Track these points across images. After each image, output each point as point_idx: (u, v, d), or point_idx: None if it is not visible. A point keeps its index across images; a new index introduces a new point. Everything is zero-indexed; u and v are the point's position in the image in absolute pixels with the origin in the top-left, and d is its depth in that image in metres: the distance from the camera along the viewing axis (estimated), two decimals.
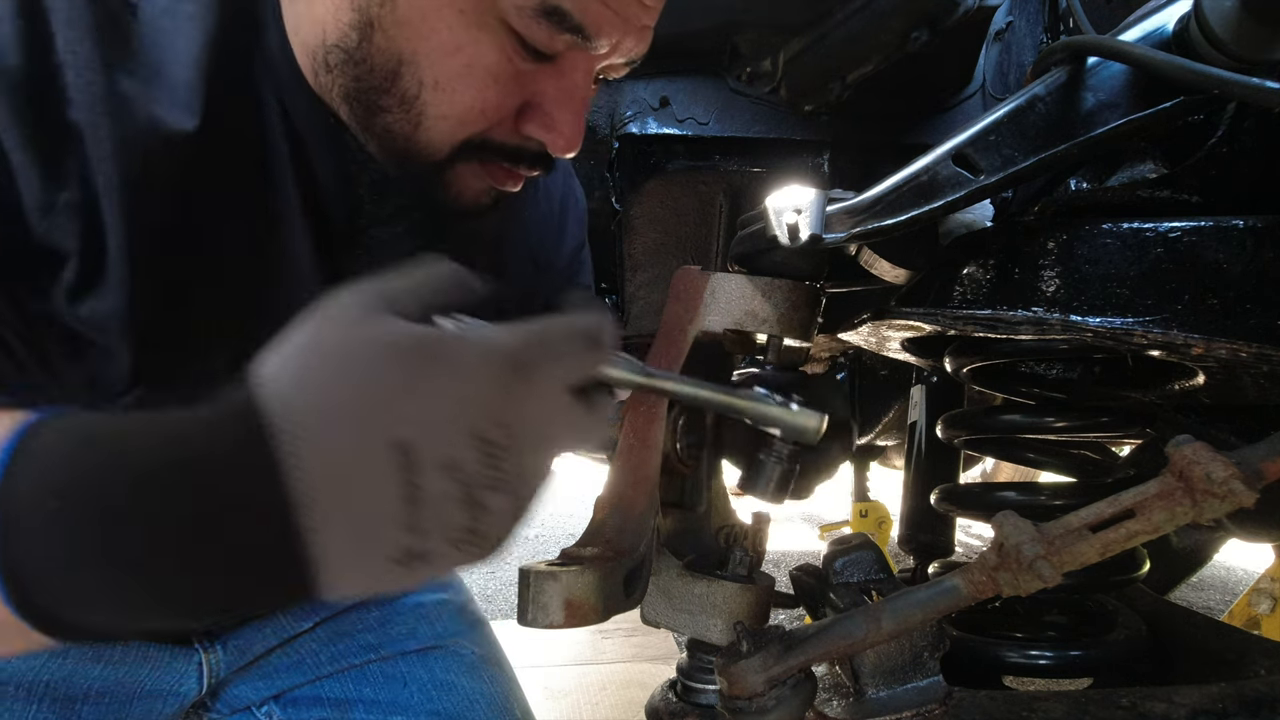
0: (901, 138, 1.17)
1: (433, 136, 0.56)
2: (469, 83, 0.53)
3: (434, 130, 0.55)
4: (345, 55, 0.54)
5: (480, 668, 0.89)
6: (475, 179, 0.60)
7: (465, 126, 0.56)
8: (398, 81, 0.53)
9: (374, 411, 0.33)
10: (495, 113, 0.56)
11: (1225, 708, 0.56)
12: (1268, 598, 1.62)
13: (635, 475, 0.57)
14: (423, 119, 0.55)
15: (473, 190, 0.61)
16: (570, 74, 0.57)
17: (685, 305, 0.61)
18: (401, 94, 0.54)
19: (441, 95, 0.54)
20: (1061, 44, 0.56)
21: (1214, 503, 0.33)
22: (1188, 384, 0.69)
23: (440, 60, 0.53)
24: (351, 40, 0.53)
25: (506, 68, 0.54)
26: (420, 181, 0.59)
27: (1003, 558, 0.35)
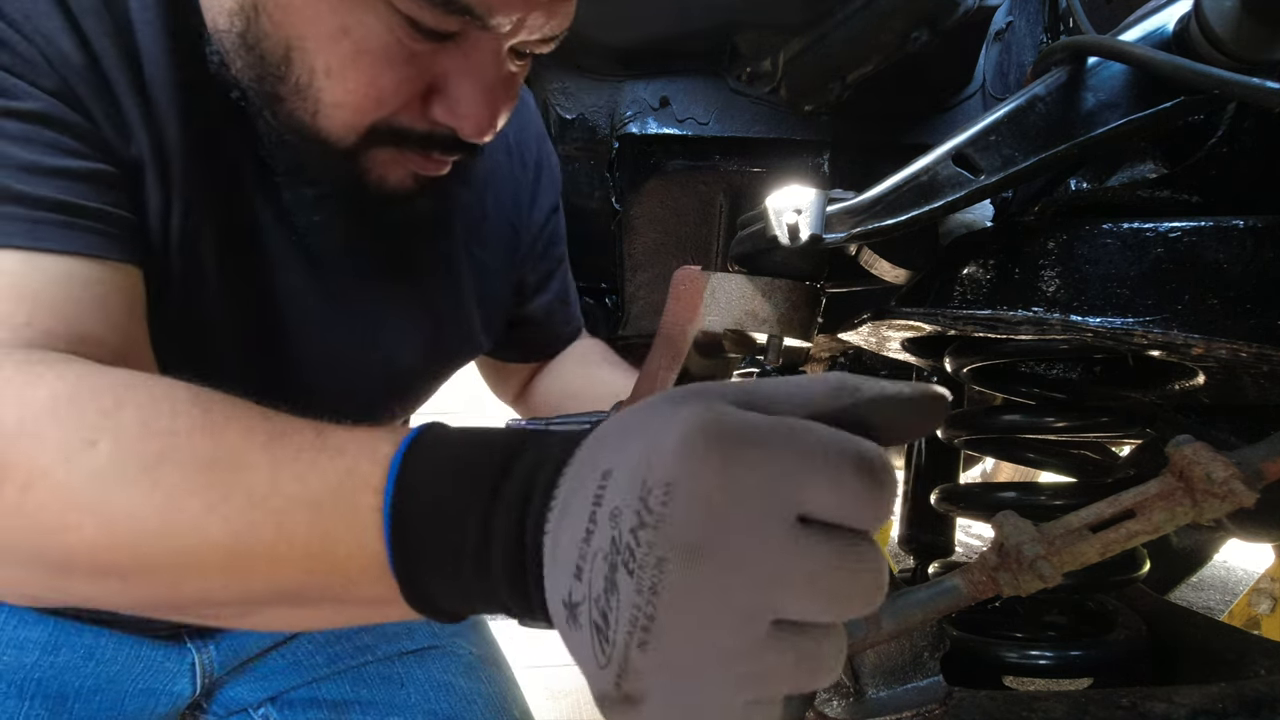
0: (901, 138, 1.17)
1: (333, 125, 0.54)
2: (359, 68, 0.51)
3: (333, 118, 0.53)
4: (238, 41, 0.52)
5: (478, 668, 0.89)
6: (394, 165, 0.58)
7: (363, 113, 0.53)
8: (290, 68, 0.51)
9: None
10: (394, 98, 0.53)
11: (1225, 708, 0.56)
12: (1268, 598, 1.62)
13: None
14: (319, 106, 0.53)
15: (395, 176, 0.59)
16: (474, 54, 0.53)
17: (685, 305, 0.61)
18: (295, 81, 0.52)
19: (334, 82, 0.51)
20: (1061, 44, 0.56)
21: (1214, 503, 0.33)
22: (1188, 384, 0.69)
23: (328, 45, 0.50)
24: (239, 25, 0.52)
25: (398, 50, 0.51)
26: (337, 170, 0.57)
27: (1003, 558, 0.35)
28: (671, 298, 0.62)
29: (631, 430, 0.31)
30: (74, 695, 0.72)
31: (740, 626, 0.27)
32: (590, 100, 1.19)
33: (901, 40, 0.98)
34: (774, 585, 0.27)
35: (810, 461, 0.28)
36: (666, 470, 0.28)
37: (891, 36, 0.98)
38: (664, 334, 0.62)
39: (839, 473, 0.28)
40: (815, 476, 0.28)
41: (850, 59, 1.04)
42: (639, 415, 0.32)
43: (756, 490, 0.27)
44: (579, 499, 0.31)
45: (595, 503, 0.30)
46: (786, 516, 0.28)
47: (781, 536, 0.27)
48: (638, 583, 0.27)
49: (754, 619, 0.27)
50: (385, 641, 0.87)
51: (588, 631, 0.29)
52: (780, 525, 0.27)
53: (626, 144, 1.18)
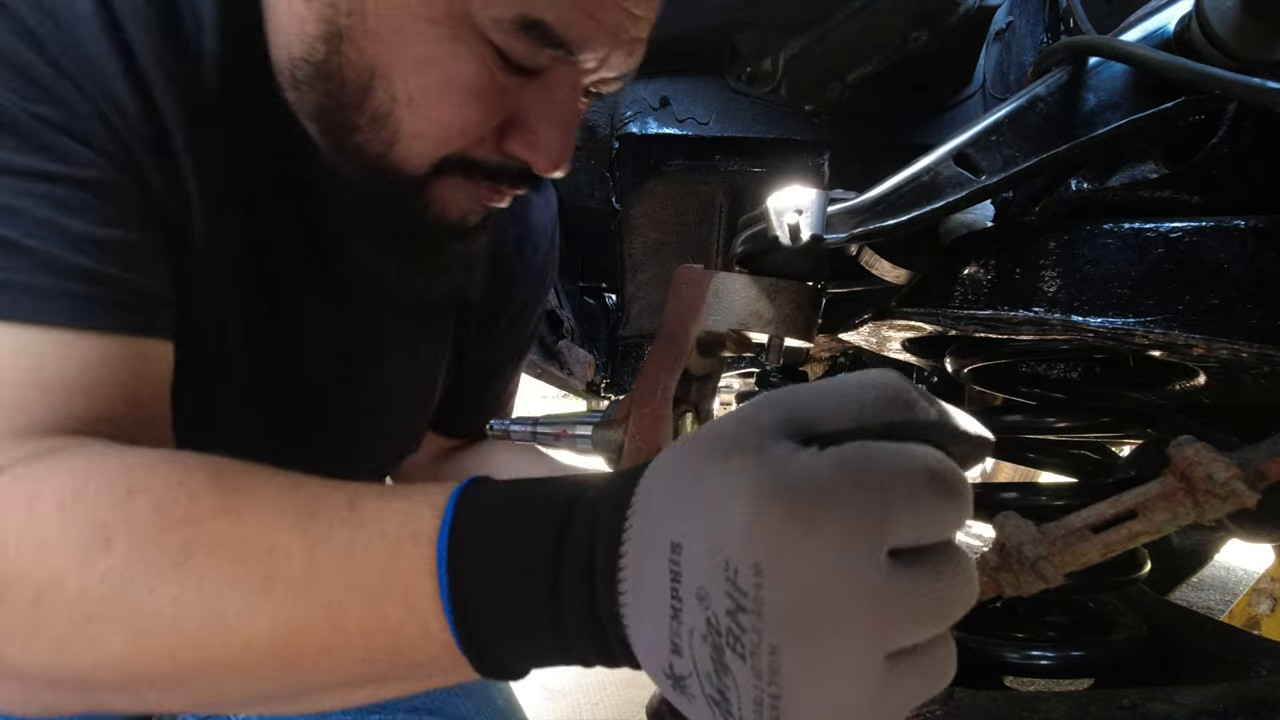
0: (902, 138, 1.17)
1: (408, 155, 0.52)
2: (447, 99, 0.50)
3: (409, 149, 0.52)
4: (313, 69, 0.50)
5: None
6: (461, 196, 0.56)
7: (443, 145, 0.52)
8: (369, 97, 0.50)
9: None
10: (476, 130, 0.52)
11: (1226, 708, 0.56)
12: (1268, 598, 1.62)
13: None
14: (398, 137, 0.51)
15: (459, 208, 0.57)
16: (556, 89, 0.53)
17: (687, 305, 0.61)
18: (373, 110, 0.50)
19: (417, 112, 0.50)
20: (1062, 44, 0.56)
21: (1216, 503, 0.33)
22: (1188, 384, 0.69)
23: (414, 75, 0.49)
24: (319, 53, 0.50)
25: (488, 83, 0.50)
26: (400, 201, 0.55)
27: (1004, 558, 0.35)
28: (673, 297, 0.62)
29: (684, 492, 0.30)
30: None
31: (863, 677, 0.27)
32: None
33: (901, 40, 0.98)
34: (884, 627, 0.27)
35: (887, 498, 0.27)
36: (747, 549, 0.27)
37: (891, 36, 0.98)
38: (665, 333, 0.61)
39: (917, 498, 0.27)
40: (896, 511, 0.27)
41: (850, 59, 1.04)
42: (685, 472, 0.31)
43: (844, 544, 0.27)
44: (652, 574, 0.30)
45: (674, 579, 0.29)
46: (878, 558, 0.27)
47: (881, 579, 0.27)
48: (754, 668, 0.27)
49: (873, 663, 0.27)
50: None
51: (704, 703, 0.29)
52: (876, 570, 0.27)
53: (626, 144, 1.18)
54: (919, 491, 0.27)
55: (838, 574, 0.27)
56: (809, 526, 0.27)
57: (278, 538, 0.35)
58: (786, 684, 0.27)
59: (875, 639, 0.27)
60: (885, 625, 0.27)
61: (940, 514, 0.28)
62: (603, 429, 0.64)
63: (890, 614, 0.27)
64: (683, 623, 0.29)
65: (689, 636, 0.29)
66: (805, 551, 0.27)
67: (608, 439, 0.63)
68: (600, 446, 0.64)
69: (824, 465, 0.28)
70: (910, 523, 0.27)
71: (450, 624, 0.33)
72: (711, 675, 0.28)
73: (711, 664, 0.28)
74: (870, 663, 0.27)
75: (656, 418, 0.57)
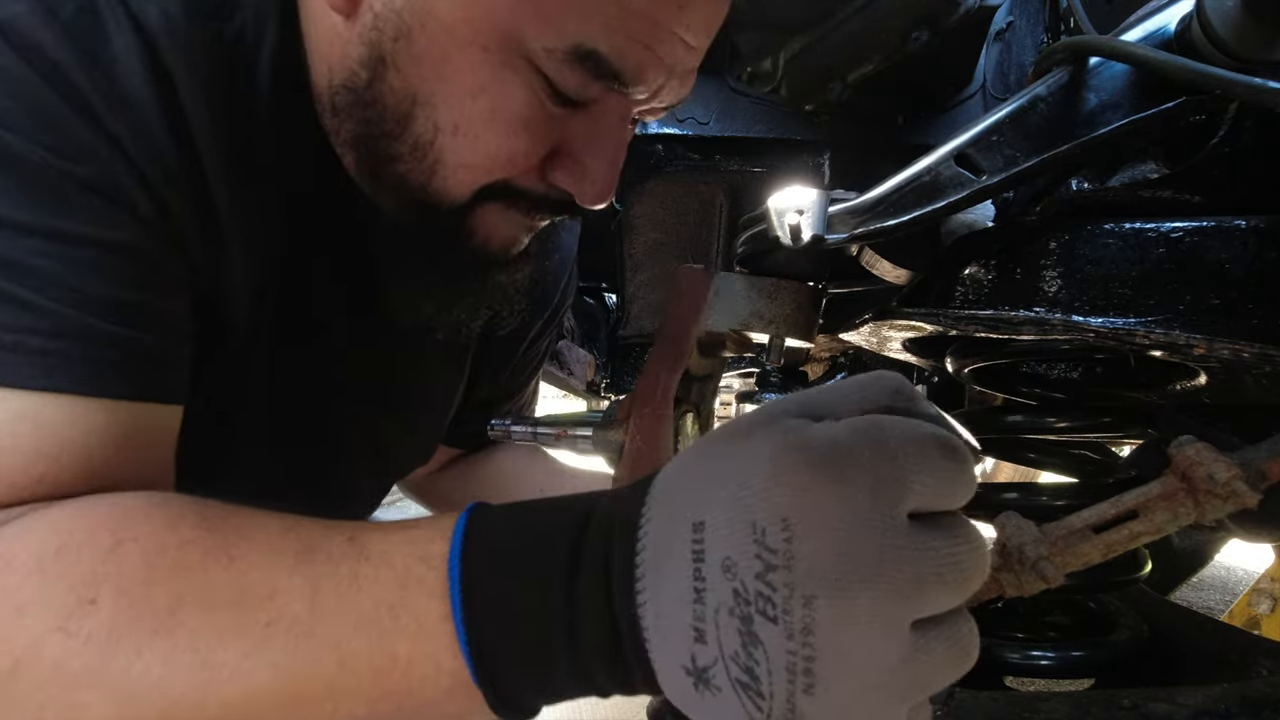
0: (902, 138, 1.17)
1: (451, 185, 0.50)
2: (495, 129, 0.48)
3: (452, 179, 0.50)
4: (354, 96, 0.49)
5: None
6: (504, 223, 0.54)
7: (488, 175, 0.50)
8: (411, 125, 0.48)
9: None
10: (523, 161, 0.50)
11: (1228, 708, 0.56)
12: (1268, 598, 1.62)
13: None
14: (439, 166, 0.49)
15: (503, 236, 0.55)
16: (605, 119, 0.51)
17: (689, 305, 0.61)
18: (415, 139, 0.48)
19: (462, 141, 0.48)
20: (1063, 44, 0.56)
21: (1217, 504, 0.33)
22: (1189, 384, 0.69)
23: (461, 103, 0.47)
24: (361, 80, 0.48)
25: (537, 112, 0.48)
26: (442, 232, 0.53)
27: (1005, 558, 0.35)
28: (673, 297, 0.62)
29: (703, 476, 0.30)
30: None
31: (893, 641, 0.28)
32: None
33: (901, 40, 0.98)
34: (911, 586, 0.27)
35: (903, 459, 0.28)
36: (774, 506, 0.27)
37: (891, 36, 0.98)
38: (666, 333, 0.61)
39: (930, 461, 0.28)
40: (912, 472, 0.28)
41: (850, 59, 1.04)
42: (704, 459, 0.31)
43: (869, 496, 0.27)
44: (672, 561, 0.30)
45: (696, 559, 0.29)
46: (900, 516, 0.28)
47: (905, 537, 0.28)
48: (787, 628, 0.27)
49: (901, 628, 0.28)
50: None
51: (731, 692, 0.28)
52: (900, 527, 0.28)
53: None
54: (931, 455, 0.28)
55: (866, 524, 0.27)
56: (835, 477, 0.27)
57: (278, 582, 0.33)
58: (820, 643, 0.27)
59: (904, 597, 0.27)
60: (912, 583, 0.27)
61: (951, 480, 0.28)
62: (603, 429, 0.64)
63: (917, 570, 0.27)
64: (706, 603, 0.29)
65: (714, 616, 0.28)
66: (832, 502, 0.27)
67: (608, 439, 0.63)
68: (601, 446, 0.64)
69: (842, 430, 0.29)
70: (925, 484, 0.28)
71: (464, 646, 0.32)
72: (739, 653, 0.28)
73: (739, 639, 0.28)
74: (900, 622, 0.27)
75: (657, 418, 0.57)
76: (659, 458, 0.55)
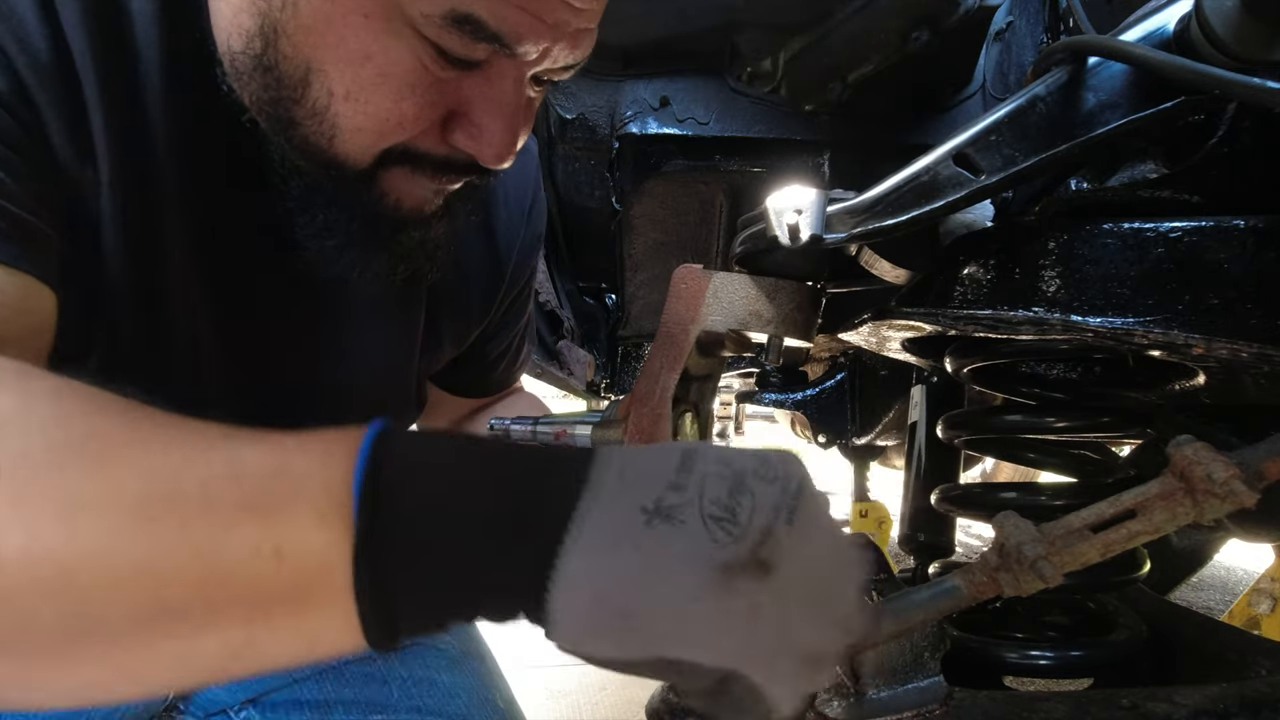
0: (901, 138, 1.17)
1: (349, 149, 0.52)
2: (383, 93, 0.49)
3: (350, 143, 0.52)
4: (253, 62, 0.50)
5: (461, 661, 0.88)
6: (414, 186, 0.56)
7: (383, 138, 0.52)
8: (307, 91, 0.50)
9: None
10: (414, 123, 0.52)
11: (1226, 708, 0.56)
12: (1268, 598, 1.62)
13: None
14: (337, 131, 0.51)
15: (414, 198, 0.57)
16: (498, 82, 0.52)
17: (687, 304, 0.61)
18: (312, 104, 0.50)
19: (354, 106, 0.50)
20: (1062, 44, 0.56)
21: (1215, 503, 0.33)
22: (1188, 384, 0.69)
23: (350, 69, 0.49)
24: (256, 47, 0.50)
25: (423, 76, 0.50)
26: (352, 192, 0.55)
27: (1004, 558, 0.35)
28: (672, 296, 0.62)
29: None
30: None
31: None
32: (590, 100, 1.19)
33: (901, 40, 0.98)
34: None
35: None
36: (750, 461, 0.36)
37: (891, 36, 0.98)
38: (665, 333, 0.61)
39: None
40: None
41: (850, 59, 1.04)
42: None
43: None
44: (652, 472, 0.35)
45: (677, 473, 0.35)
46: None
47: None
48: (782, 487, 0.34)
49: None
50: None
51: (697, 524, 0.33)
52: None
53: (626, 144, 1.18)
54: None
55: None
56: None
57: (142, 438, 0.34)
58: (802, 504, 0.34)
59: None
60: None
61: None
62: (603, 429, 0.64)
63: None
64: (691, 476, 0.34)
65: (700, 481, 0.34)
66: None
67: (608, 439, 0.63)
68: (600, 446, 0.64)
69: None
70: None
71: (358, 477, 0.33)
72: (720, 499, 0.34)
73: (728, 489, 0.34)
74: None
75: (656, 417, 0.57)
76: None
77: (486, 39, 0.48)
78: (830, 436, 1.75)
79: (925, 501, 0.98)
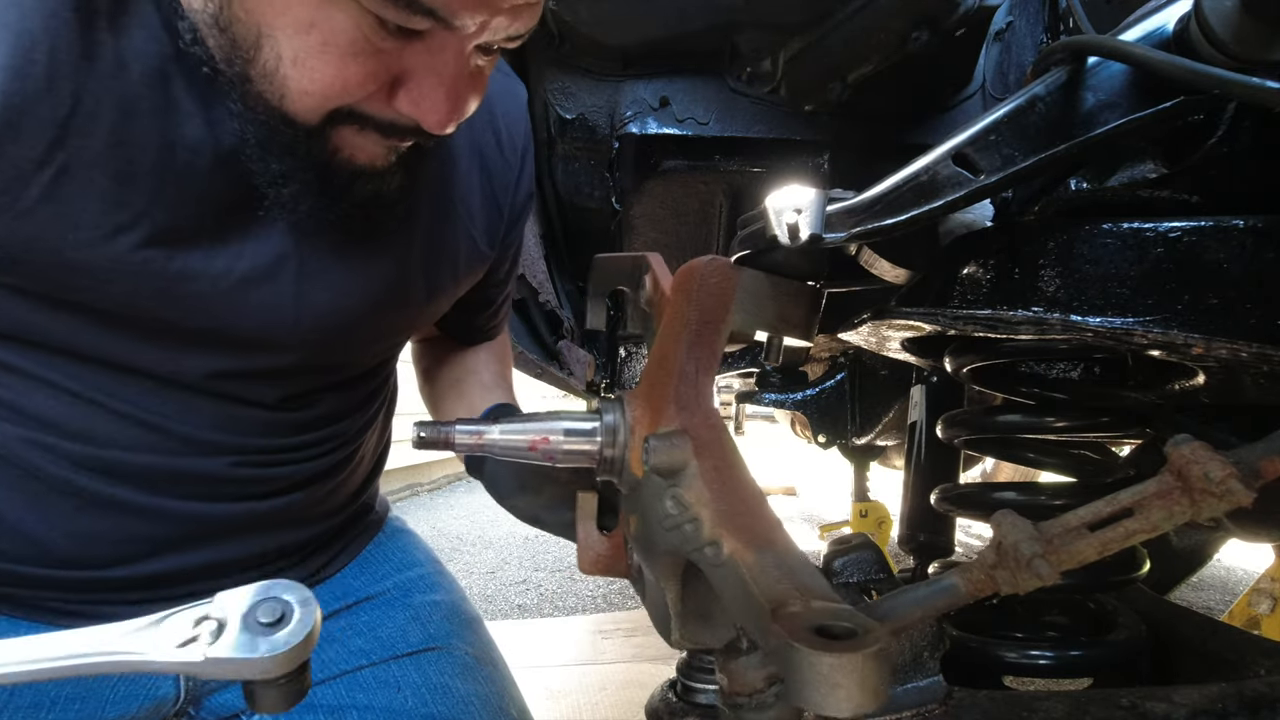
0: (901, 138, 1.17)
1: (299, 109, 0.56)
2: (327, 60, 0.53)
3: (299, 104, 0.56)
4: (211, 21, 0.54)
5: (475, 669, 0.88)
6: (365, 142, 0.60)
7: (329, 100, 0.56)
8: (259, 53, 0.53)
9: None
10: (359, 89, 0.55)
11: (1225, 708, 0.56)
12: (1268, 598, 1.62)
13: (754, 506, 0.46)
14: (286, 91, 0.55)
15: (366, 154, 0.61)
16: (438, 51, 0.55)
17: (719, 300, 0.56)
18: (263, 66, 0.54)
19: (301, 71, 0.54)
20: (1061, 44, 0.56)
21: (1211, 502, 0.33)
22: (1188, 384, 0.69)
23: (296, 36, 0.52)
24: (212, 8, 0.53)
25: (364, 45, 0.53)
26: (303, 144, 0.58)
27: (1001, 556, 0.35)
28: (701, 291, 0.56)
29: None
30: (50, 704, 0.70)
31: None
32: (590, 100, 1.19)
33: (901, 40, 0.98)
34: None
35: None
36: None
37: (891, 36, 0.98)
38: (695, 332, 0.55)
39: None
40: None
41: (850, 59, 1.04)
42: None
43: None
44: None
45: None
46: None
47: None
48: None
49: None
50: (380, 646, 0.87)
51: None
52: None
53: (626, 144, 1.18)
54: None
55: None
56: None
57: None
58: None
59: None
60: None
61: None
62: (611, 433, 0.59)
63: None
64: None
65: None
66: None
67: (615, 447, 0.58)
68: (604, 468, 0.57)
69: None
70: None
71: None
72: None
73: None
74: None
75: (715, 428, 0.51)
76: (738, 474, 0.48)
77: (421, 12, 0.51)
78: (830, 436, 1.75)
79: (925, 501, 0.98)
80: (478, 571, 3.70)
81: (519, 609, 3.04)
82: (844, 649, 0.33)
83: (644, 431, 0.55)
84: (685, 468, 0.47)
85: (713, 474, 0.46)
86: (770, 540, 0.41)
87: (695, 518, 0.44)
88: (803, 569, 0.39)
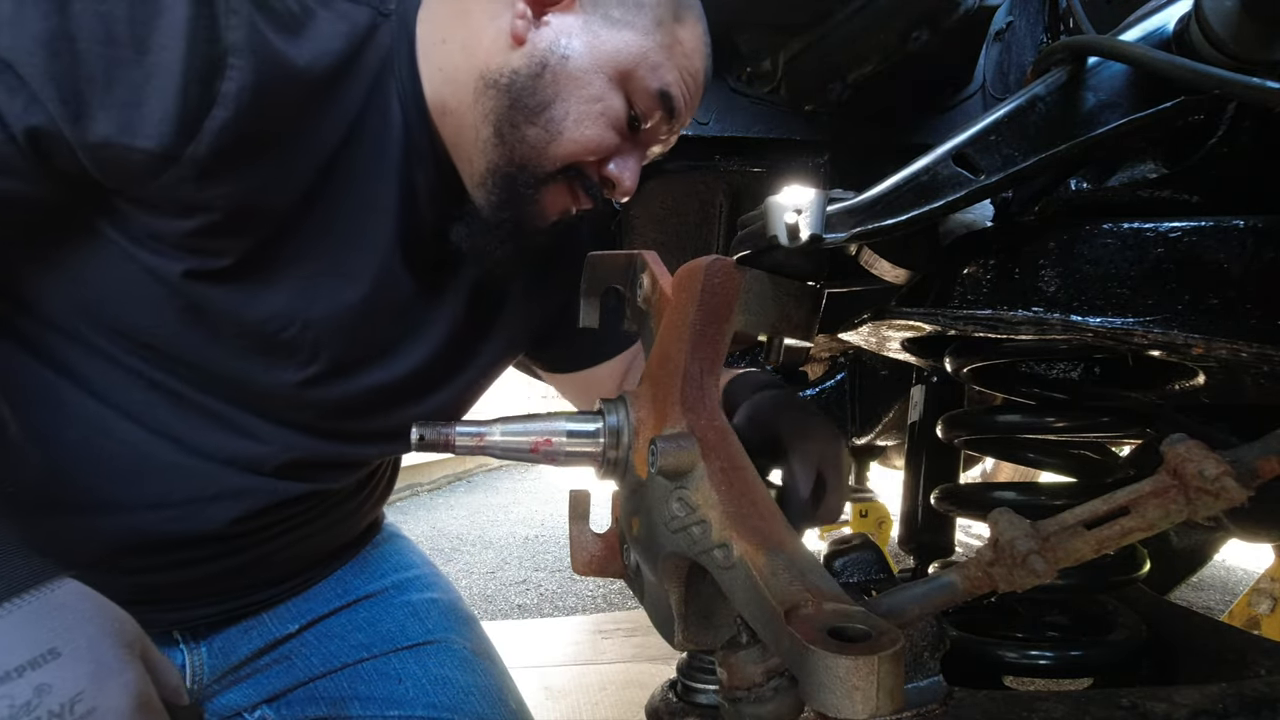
0: (901, 138, 1.17)
1: (559, 151, 0.74)
2: (599, 124, 0.74)
3: (563, 147, 0.74)
4: (509, 82, 0.72)
5: (473, 661, 0.90)
6: (561, 198, 0.78)
7: (583, 152, 0.75)
8: (548, 110, 0.73)
9: None
10: (600, 151, 0.76)
11: (1226, 707, 0.56)
12: (1268, 598, 1.62)
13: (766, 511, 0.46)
14: (559, 138, 0.73)
15: (557, 208, 0.79)
16: (641, 142, 0.79)
17: (724, 301, 0.56)
18: (548, 120, 0.73)
19: (577, 127, 0.74)
20: (1062, 44, 0.56)
21: (1207, 500, 0.33)
22: (1188, 384, 0.69)
23: (585, 104, 0.73)
24: (520, 76, 0.72)
25: (618, 123, 0.75)
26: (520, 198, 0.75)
27: (998, 553, 0.35)
28: (706, 291, 0.56)
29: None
30: None
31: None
32: None
33: (901, 40, 0.98)
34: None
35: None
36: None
37: (891, 36, 0.98)
38: (699, 332, 0.55)
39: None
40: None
41: (850, 59, 1.04)
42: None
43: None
44: None
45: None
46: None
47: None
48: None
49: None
50: (381, 640, 0.88)
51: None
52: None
53: None
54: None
55: None
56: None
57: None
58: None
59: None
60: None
61: None
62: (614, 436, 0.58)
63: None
64: None
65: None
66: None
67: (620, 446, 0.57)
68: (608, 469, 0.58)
69: None
70: None
71: None
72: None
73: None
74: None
75: (721, 430, 0.51)
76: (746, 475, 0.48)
77: (667, 110, 0.76)
78: None
79: (925, 501, 0.98)
80: (478, 571, 3.70)
81: (519, 609, 3.04)
82: (860, 651, 0.33)
83: (649, 433, 0.55)
84: (693, 469, 0.47)
85: (721, 475, 0.46)
86: (781, 542, 0.41)
87: (703, 520, 0.45)
88: (814, 571, 0.39)
